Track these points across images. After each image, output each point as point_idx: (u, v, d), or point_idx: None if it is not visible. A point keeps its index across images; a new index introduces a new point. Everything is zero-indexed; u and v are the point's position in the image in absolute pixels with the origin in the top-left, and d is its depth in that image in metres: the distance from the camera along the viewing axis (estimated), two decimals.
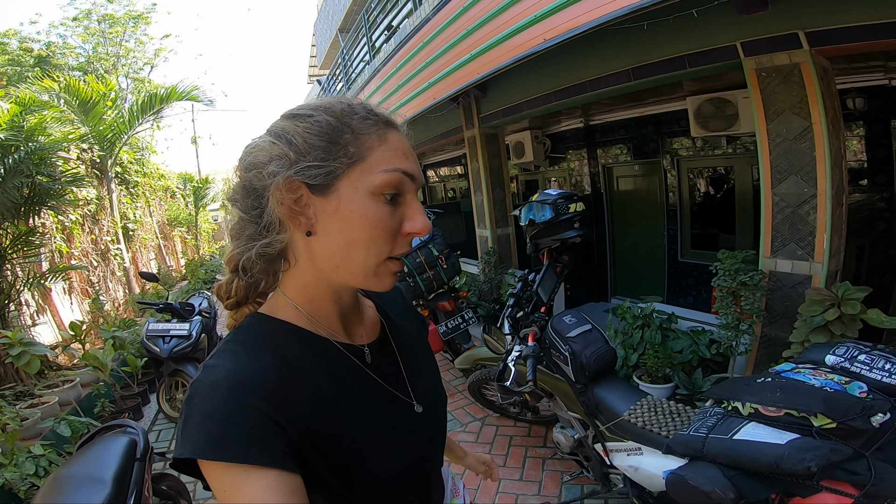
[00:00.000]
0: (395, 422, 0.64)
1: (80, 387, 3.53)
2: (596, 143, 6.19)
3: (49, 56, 13.01)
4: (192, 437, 0.47)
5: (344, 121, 0.56)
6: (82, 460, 1.85)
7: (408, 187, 0.57)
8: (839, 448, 0.95)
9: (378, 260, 0.56)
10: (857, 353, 1.13)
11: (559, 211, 2.18)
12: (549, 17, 2.75)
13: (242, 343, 0.56)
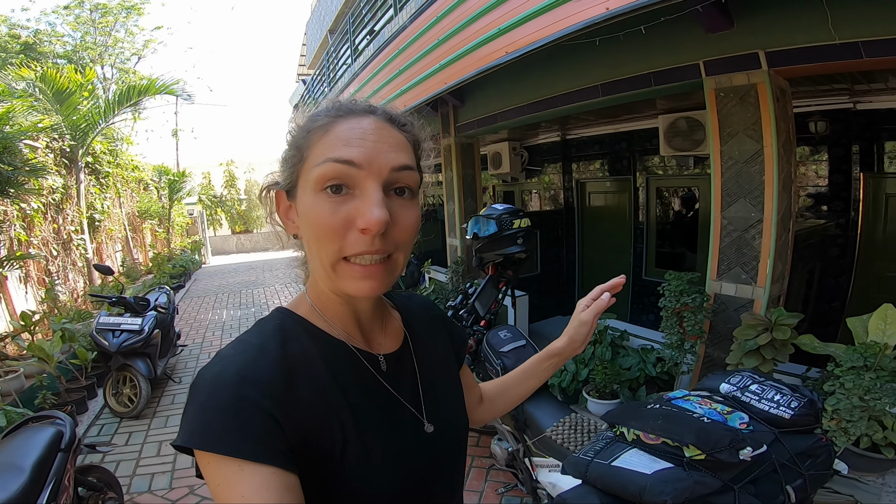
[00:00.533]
0: (401, 437, 0.60)
1: (23, 378, 3.41)
2: (571, 158, 6.27)
3: (35, 43, 12.85)
4: (188, 425, 0.47)
5: (305, 125, 0.57)
6: (5, 449, 1.86)
7: (353, 177, 0.52)
8: (705, 481, 0.94)
9: (329, 260, 0.53)
10: (750, 382, 1.14)
11: (503, 226, 2.19)
12: (510, 31, 2.79)
13: (259, 335, 0.56)
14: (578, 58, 3.21)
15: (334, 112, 0.56)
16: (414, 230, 0.57)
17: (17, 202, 4.58)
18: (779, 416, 1.06)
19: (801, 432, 1.06)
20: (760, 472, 0.97)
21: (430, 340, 0.73)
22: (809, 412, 1.07)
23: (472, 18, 3.12)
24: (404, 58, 4.43)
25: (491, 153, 6.80)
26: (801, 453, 1.02)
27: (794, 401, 1.08)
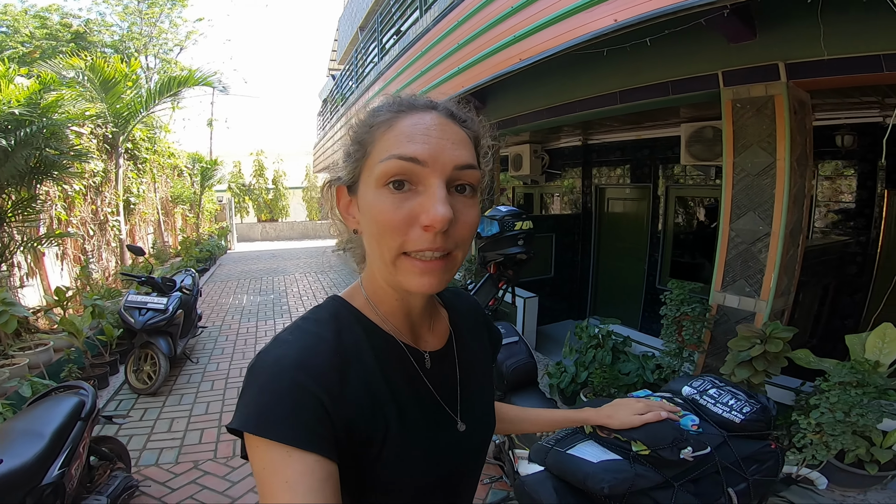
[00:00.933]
0: (435, 434, 0.62)
1: (52, 351, 3.65)
2: (592, 163, 6.27)
3: (86, 33, 13.33)
4: (245, 408, 0.49)
5: (368, 119, 0.57)
6: (30, 415, 1.99)
7: (417, 174, 0.52)
8: (647, 475, 0.99)
9: (390, 255, 0.53)
10: (710, 387, 1.19)
11: (505, 227, 2.26)
12: (526, 38, 2.85)
13: (316, 322, 0.58)
14: (597, 65, 3.25)
15: (396, 107, 0.56)
16: (474, 228, 0.56)
17: (61, 184, 4.87)
18: (730, 420, 1.11)
19: (751, 437, 1.11)
20: (702, 472, 1.03)
21: (472, 341, 0.75)
22: (761, 418, 1.11)
23: (490, 24, 3.21)
24: (427, 59, 4.55)
25: (512, 155, 6.83)
26: (747, 458, 1.07)
27: (746, 406, 1.13)
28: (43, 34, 12.84)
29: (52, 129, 4.13)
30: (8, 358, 3.37)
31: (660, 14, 1.91)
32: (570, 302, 6.23)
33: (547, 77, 3.73)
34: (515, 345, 1.89)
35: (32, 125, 3.80)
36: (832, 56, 2.24)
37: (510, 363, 1.82)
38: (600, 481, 0.98)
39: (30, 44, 12.46)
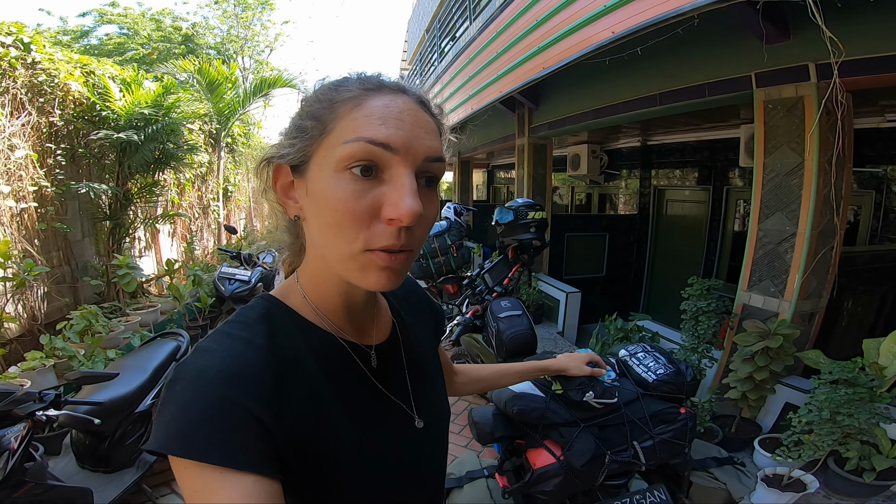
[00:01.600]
0: (392, 435, 0.58)
1: (159, 312, 4.47)
2: (651, 164, 6.24)
3: (193, 35, 14.58)
4: (164, 427, 0.43)
5: (324, 93, 0.51)
6: (138, 354, 2.56)
7: (386, 161, 0.47)
8: (557, 410, 1.19)
9: (352, 250, 0.47)
10: (640, 350, 1.39)
11: (518, 216, 2.55)
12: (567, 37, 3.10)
13: (243, 325, 0.52)
14: (638, 67, 3.39)
15: (363, 84, 0.51)
16: (433, 223, 0.53)
17: (175, 173, 5.81)
18: (644, 378, 1.31)
19: (662, 398, 1.28)
20: (609, 420, 1.21)
21: (416, 325, 0.71)
22: (672, 381, 1.29)
23: (530, 28, 3.49)
24: (476, 64, 4.94)
25: (570, 154, 6.93)
26: (655, 416, 1.25)
27: (661, 368, 1.32)
28: (158, 36, 14.04)
29: (171, 127, 4.98)
30: (125, 315, 4.21)
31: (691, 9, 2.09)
32: (620, 302, 6.25)
33: (592, 79, 3.92)
34: (518, 317, 2.15)
35: (157, 123, 4.64)
36: (863, 56, 2.25)
37: (510, 332, 2.09)
38: (513, 405, 1.22)
39: (148, 45, 13.71)
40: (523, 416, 1.21)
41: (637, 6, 2.46)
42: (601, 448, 1.19)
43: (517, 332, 2.09)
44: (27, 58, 3.68)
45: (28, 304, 3.72)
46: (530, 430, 1.23)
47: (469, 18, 5.28)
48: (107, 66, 4.79)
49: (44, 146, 3.90)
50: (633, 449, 1.21)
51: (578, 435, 1.19)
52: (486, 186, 12.40)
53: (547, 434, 1.23)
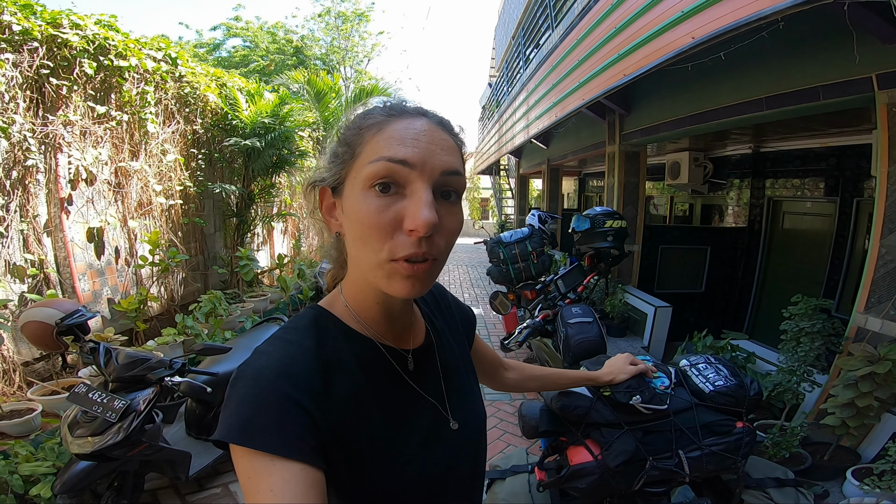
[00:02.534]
0: (427, 436, 0.62)
1: (268, 301, 5.07)
2: (765, 173, 5.68)
3: (302, 47, 15.67)
4: (227, 419, 0.49)
5: (355, 123, 0.58)
6: (248, 335, 2.98)
7: (405, 177, 0.52)
8: (602, 411, 1.18)
9: (378, 259, 0.52)
10: (702, 362, 1.32)
11: (595, 224, 2.51)
12: (645, 45, 3.00)
13: (295, 331, 0.58)
14: (742, 70, 3.17)
15: (387, 111, 0.57)
16: (456, 235, 0.56)
17: (288, 176, 6.51)
18: (701, 389, 1.26)
19: (718, 410, 1.22)
20: (656, 426, 1.18)
21: (447, 330, 0.76)
22: (730, 393, 1.23)
23: (612, 34, 3.42)
24: (559, 71, 4.90)
25: (669, 162, 6.55)
26: (706, 426, 1.19)
27: (720, 381, 1.26)
28: (274, 49, 15.27)
29: (286, 134, 5.61)
30: (242, 302, 4.84)
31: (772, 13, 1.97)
32: (720, 321, 5.75)
33: (691, 82, 3.71)
34: (588, 324, 2.14)
35: (275, 131, 5.27)
36: None
37: (578, 338, 2.08)
38: (558, 401, 1.23)
39: (267, 57, 14.97)
40: (566, 412, 1.22)
41: (717, 10, 2.34)
42: (642, 452, 1.18)
43: (585, 338, 2.08)
44: (175, 72, 4.30)
45: (168, 288, 4.44)
46: (573, 428, 1.25)
47: (551, 26, 5.27)
48: (235, 78, 5.53)
49: (188, 151, 4.63)
50: (677, 458, 1.17)
51: (620, 437, 1.18)
52: (578, 195, 12.05)
53: (589, 433, 1.23)
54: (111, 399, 1.85)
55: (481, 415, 0.74)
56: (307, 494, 0.46)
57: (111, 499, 2.06)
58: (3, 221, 2.95)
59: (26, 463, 2.07)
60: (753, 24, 2.12)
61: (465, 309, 0.85)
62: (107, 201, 3.78)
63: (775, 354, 3.24)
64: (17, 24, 2.88)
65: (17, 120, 2.93)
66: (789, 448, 2.15)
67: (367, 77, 16.03)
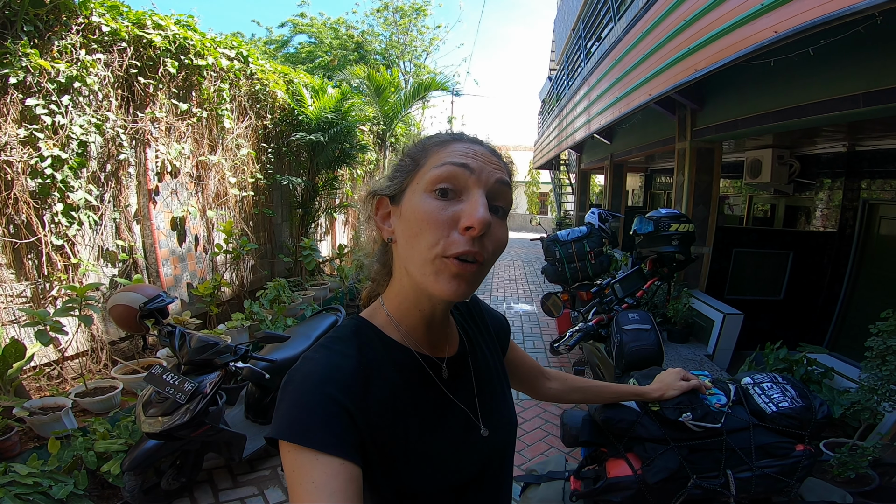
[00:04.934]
0: (458, 441, 0.66)
1: (328, 290, 5.27)
2: (860, 173, 5.12)
3: (363, 42, 15.90)
4: (279, 419, 0.53)
5: (423, 141, 0.66)
6: (307, 323, 3.10)
7: (464, 182, 0.57)
8: (648, 426, 1.12)
9: (431, 255, 0.56)
10: (767, 380, 1.21)
11: (660, 227, 2.36)
12: (719, 39, 2.76)
13: (339, 341, 0.62)
14: (834, 65, 2.86)
15: (450, 136, 0.64)
16: (503, 246, 0.61)
17: (350, 169, 6.72)
18: (762, 409, 1.16)
19: (779, 432, 1.13)
20: (704, 444, 1.11)
21: (480, 338, 0.79)
22: (794, 415, 1.13)
23: (675, 32, 3.19)
24: (622, 66, 4.64)
25: (749, 160, 6.07)
26: (762, 448, 1.11)
27: (785, 402, 1.16)
28: (337, 44, 15.61)
29: (347, 129, 5.78)
30: (304, 290, 5.06)
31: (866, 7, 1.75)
32: (799, 331, 5.28)
33: (775, 77, 3.39)
34: (645, 331, 2.01)
35: (337, 126, 5.45)
36: None
37: (633, 345, 1.96)
38: (602, 413, 1.18)
39: (330, 53, 15.35)
40: (610, 424, 1.18)
41: (803, 3, 2.11)
42: (686, 470, 1.11)
43: (640, 345, 1.96)
44: (246, 69, 4.53)
45: (240, 274, 4.74)
46: (616, 440, 1.21)
47: (613, 19, 5.00)
48: (301, 74, 5.75)
49: (259, 145, 4.89)
50: (724, 478, 1.11)
51: (664, 453, 1.13)
52: (644, 192, 11.47)
53: (631, 447, 1.19)
54: (182, 381, 2.01)
55: (512, 422, 0.76)
56: (346, 488, 0.49)
57: (172, 476, 2.23)
58: (98, 210, 3.28)
59: (102, 440, 2.27)
60: (847, 17, 1.89)
61: (498, 317, 0.88)
62: (188, 192, 4.08)
63: (857, 371, 2.95)
64: (105, 24, 3.12)
65: (110, 117, 3.23)
66: (857, 469, 2.02)
67: (426, 71, 16.08)
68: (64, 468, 2.12)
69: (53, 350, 3.02)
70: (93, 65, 3.06)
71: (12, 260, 2.84)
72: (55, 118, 2.85)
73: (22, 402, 2.42)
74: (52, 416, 2.39)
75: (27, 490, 1.88)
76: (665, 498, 1.14)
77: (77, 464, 2.16)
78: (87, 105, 3.09)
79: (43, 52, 2.78)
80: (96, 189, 3.25)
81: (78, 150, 3.03)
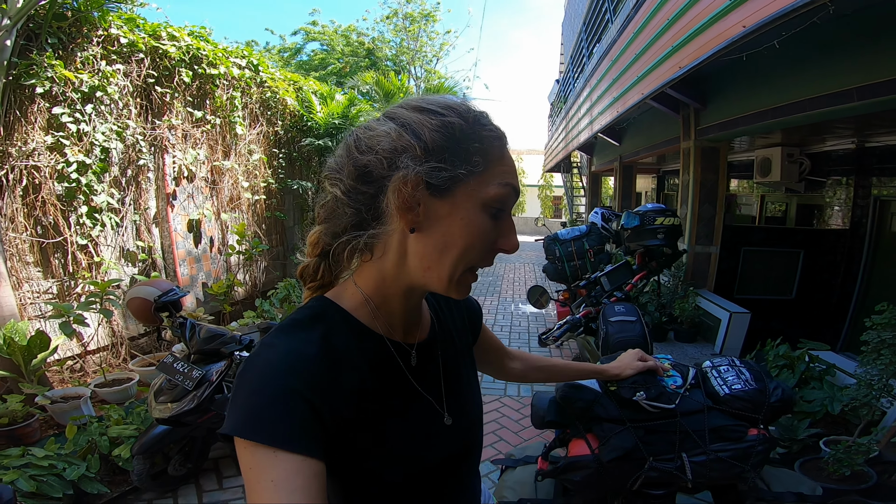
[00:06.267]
0: (422, 429, 0.65)
1: None
2: (870, 170, 5.05)
3: (374, 49, 16.10)
4: (235, 412, 0.50)
5: (474, 128, 0.56)
6: None
7: (511, 204, 0.58)
8: (606, 405, 1.15)
9: (465, 268, 0.57)
10: (725, 364, 1.24)
11: (645, 221, 2.41)
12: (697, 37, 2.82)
13: (301, 324, 0.58)
14: (829, 58, 2.89)
15: (498, 130, 0.59)
16: None
17: None
18: (717, 392, 1.18)
19: (732, 414, 1.15)
20: (659, 425, 1.12)
21: (451, 323, 0.77)
22: (746, 398, 1.14)
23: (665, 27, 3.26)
24: (618, 66, 4.70)
25: (759, 158, 6.01)
26: (715, 430, 1.12)
27: (738, 384, 1.17)
28: (349, 51, 15.80)
29: None
30: None
31: None
32: (814, 331, 5.19)
33: (770, 74, 3.42)
34: (631, 323, 2.04)
35: (345, 130, 5.61)
36: None
37: (618, 337, 1.99)
38: (561, 391, 1.21)
39: (342, 60, 15.54)
40: (568, 403, 1.20)
41: None
42: (641, 451, 1.12)
43: (626, 336, 2.00)
44: (257, 77, 4.74)
45: (253, 275, 4.91)
46: (578, 421, 1.23)
47: (610, 20, 5.07)
48: (310, 82, 5.94)
49: (271, 151, 5.08)
50: (679, 460, 1.11)
51: (620, 433, 1.14)
52: (656, 193, 11.38)
53: (591, 427, 1.21)
54: (191, 369, 2.14)
55: (477, 410, 0.75)
56: (308, 486, 0.47)
57: (179, 462, 2.34)
58: (120, 213, 3.48)
59: (115, 426, 2.41)
60: (802, 9, 1.96)
61: (471, 301, 0.86)
62: (203, 196, 4.28)
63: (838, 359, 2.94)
64: (123, 36, 3.33)
65: (130, 125, 3.44)
66: (852, 466, 2.00)
67: (437, 76, 16.27)
68: (79, 452, 2.26)
69: (77, 344, 3.21)
70: (113, 75, 3.26)
71: (40, 258, 3.04)
72: (79, 126, 3.06)
73: (44, 390, 2.60)
74: (71, 405, 2.55)
75: (42, 472, 2.02)
76: (623, 479, 1.15)
77: (91, 448, 2.30)
78: (108, 113, 3.30)
79: (66, 63, 2.99)
80: (118, 193, 3.46)
81: (101, 156, 3.24)
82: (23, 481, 1.94)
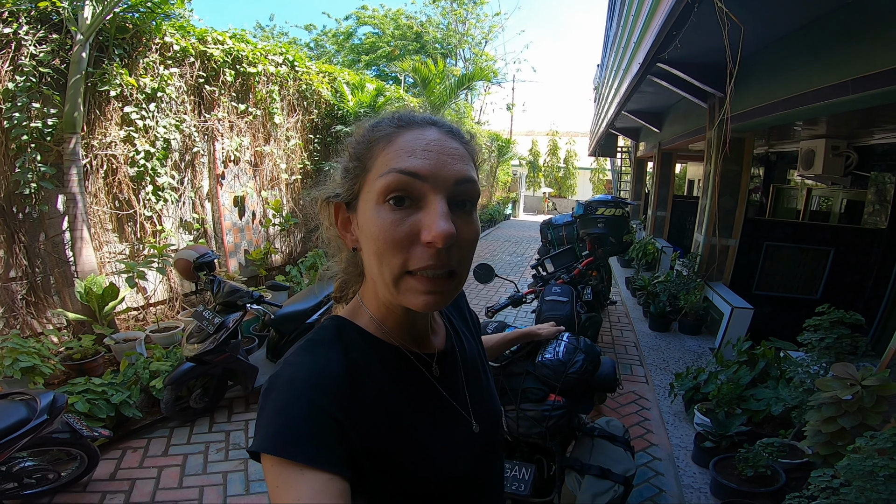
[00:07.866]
0: (452, 438, 0.63)
1: None
2: None
3: (422, 32, 16.25)
4: (262, 430, 0.49)
5: (366, 136, 0.57)
6: (316, 285, 3.55)
7: (418, 189, 0.51)
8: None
9: (392, 274, 0.52)
10: (565, 338, 1.44)
11: (589, 211, 2.63)
12: None
13: (321, 344, 0.57)
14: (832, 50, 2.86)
15: (396, 122, 0.56)
16: (474, 244, 0.56)
17: None
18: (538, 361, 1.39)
19: (539, 380, 1.34)
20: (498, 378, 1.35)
21: (463, 328, 0.76)
22: (549, 366, 1.33)
23: None
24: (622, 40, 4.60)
25: (803, 150, 5.75)
26: (525, 391, 1.34)
27: (548, 355, 1.37)
28: (398, 34, 16.07)
29: None
30: None
31: None
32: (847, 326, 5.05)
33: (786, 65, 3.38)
34: (561, 303, 2.25)
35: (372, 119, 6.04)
36: None
37: (547, 314, 2.25)
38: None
39: (392, 43, 15.79)
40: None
41: None
42: None
43: (554, 315, 2.22)
44: (292, 73, 5.25)
45: (290, 245, 5.58)
46: None
47: None
48: (344, 73, 6.36)
49: (306, 136, 5.63)
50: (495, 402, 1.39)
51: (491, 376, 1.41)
52: None
53: None
54: (214, 316, 2.71)
55: (498, 412, 0.75)
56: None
57: (199, 396, 2.87)
58: (179, 190, 4.17)
59: (156, 362, 2.98)
60: None
61: (471, 312, 0.86)
62: (247, 176, 4.93)
63: None
64: (176, 43, 3.91)
65: (186, 119, 4.08)
66: (756, 466, 2.06)
67: (486, 58, 16.17)
68: (127, 383, 2.85)
69: (141, 297, 3.97)
70: (170, 77, 3.89)
71: (116, 226, 3.78)
72: (145, 121, 3.72)
73: (111, 332, 3.32)
74: (129, 345, 3.24)
75: (95, 396, 2.60)
76: None
77: (136, 380, 2.89)
78: (168, 110, 3.95)
79: (131, 68, 3.62)
80: (177, 174, 4.14)
81: (163, 145, 3.90)
82: (80, 403, 2.46)
